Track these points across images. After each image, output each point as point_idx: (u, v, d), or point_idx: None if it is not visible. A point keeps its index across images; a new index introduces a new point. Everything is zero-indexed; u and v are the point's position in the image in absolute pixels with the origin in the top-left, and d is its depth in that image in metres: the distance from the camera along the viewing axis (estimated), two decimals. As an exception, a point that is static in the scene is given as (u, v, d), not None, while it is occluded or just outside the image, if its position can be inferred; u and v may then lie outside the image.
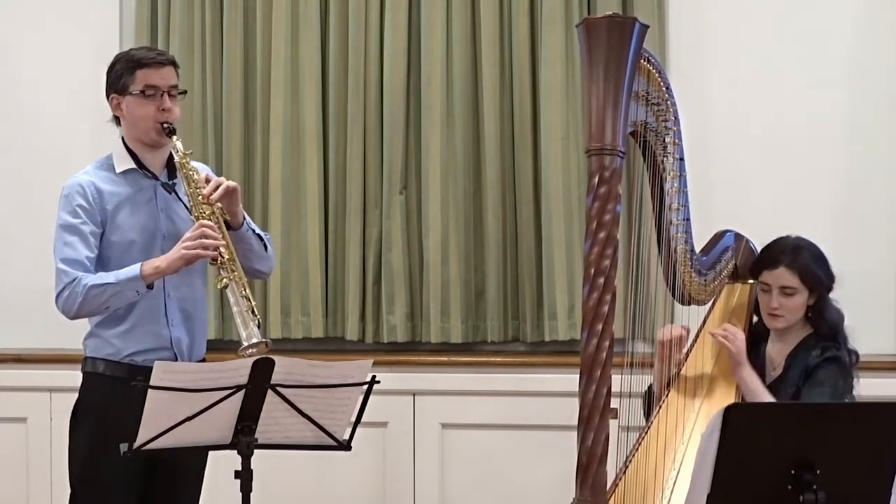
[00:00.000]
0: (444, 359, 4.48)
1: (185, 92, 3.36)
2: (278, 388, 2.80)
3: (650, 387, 3.43)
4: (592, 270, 2.88)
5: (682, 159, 3.20)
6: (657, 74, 3.08)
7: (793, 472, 2.42)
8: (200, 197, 3.20)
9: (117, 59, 3.32)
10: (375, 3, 4.52)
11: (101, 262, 3.25)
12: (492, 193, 4.47)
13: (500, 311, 4.51)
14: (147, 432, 2.74)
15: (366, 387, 2.90)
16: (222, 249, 3.14)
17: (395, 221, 4.50)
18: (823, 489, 2.40)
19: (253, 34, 4.59)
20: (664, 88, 3.10)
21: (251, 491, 2.85)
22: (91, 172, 3.31)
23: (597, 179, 2.90)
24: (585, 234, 2.91)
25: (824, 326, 3.32)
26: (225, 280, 3.12)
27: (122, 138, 3.34)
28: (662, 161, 3.18)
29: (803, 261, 3.29)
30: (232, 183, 3.26)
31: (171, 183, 3.31)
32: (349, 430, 2.96)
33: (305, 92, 4.54)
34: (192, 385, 2.73)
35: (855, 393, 3.33)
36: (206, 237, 3.13)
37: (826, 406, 2.94)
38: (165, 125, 3.24)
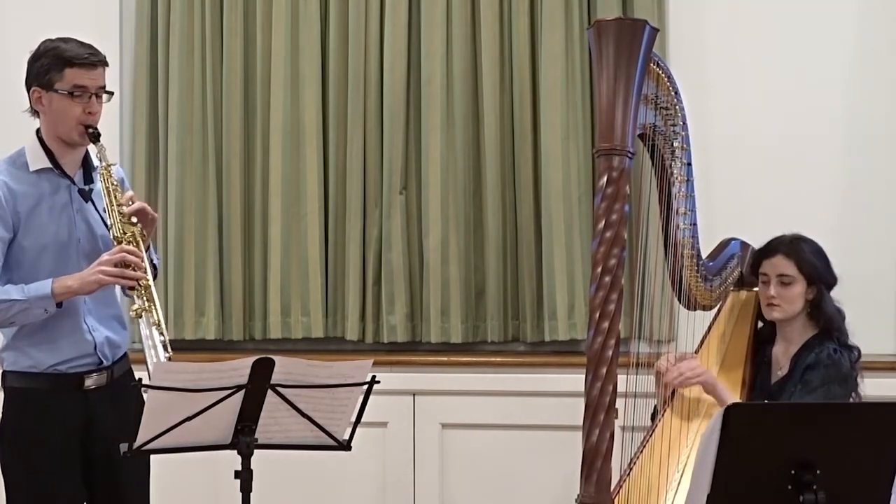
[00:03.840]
0: (444, 359, 4.48)
1: (111, 93, 3.21)
2: (278, 388, 2.79)
3: (655, 409, 3.44)
4: (599, 269, 2.89)
5: (689, 164, 3.22)
6: (666, 79, 3.09)
7: (793, 472, 2.42)
8: (121, 216, 3.09)
9: (45, 51, 3.14)
10: (375, 3, 4.52)
11: (13, 268, 3.13)
12: (492, 193, 4.47)
13: (500, 311, 4.50)
14: (147, 432, 2.74)
15: (366, 387, 2.90)
16: (140, 280, 3.03)
17: (395, 221, 4.50)
18: (823, 489, 2.40)
19: (253, 34, 4.59)
20: (673, 93, 3.12)
21: (251, 491, 2.85)
22: (3, 170, 3.17)
23: (605, 179, 2.91)
24: (593, 234, 2.92)
25: (821, 320, 3.35)
26: (140, 311, 3.02)
27: (38, 132, 3.21)
28: (670, 165, 3.19)
29: (800, 250, 3.35)
30: (154, 214, 3.19)
31: (87, 189, 3.18)
32: (349, 430, 2.96)
33: (305, 92, 4.53)
34: (192, 385, 2.72)
35: (860, 392, 3.35)
36: (128, 265, 3.03)
37: (826, 406, 2.95)
38: (90, 129, 3.12)
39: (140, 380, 2.77)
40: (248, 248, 4.62)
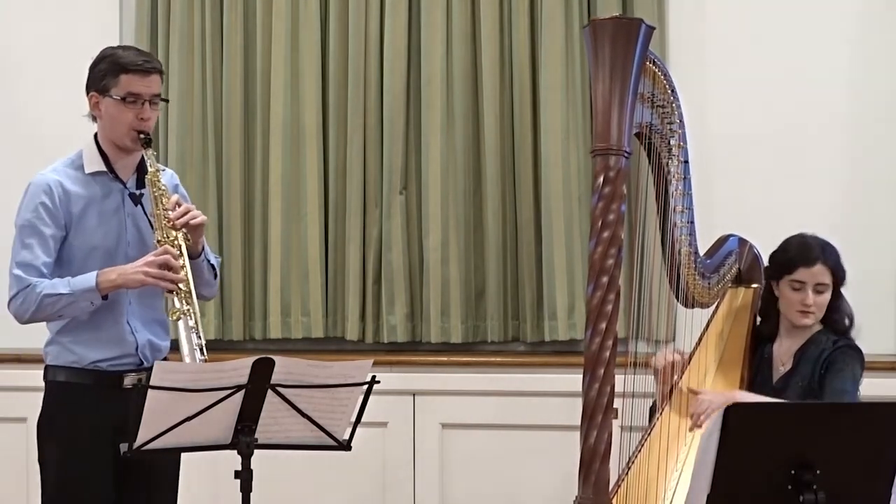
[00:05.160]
0: (444, 359, 4.48)
1: (166, 100, 3.28)
2: (278, 388, 2.80)
3: (654, 404, 3.44)
4: (597, 270, 2.89)
5: (686, 162, 3.22)
6: (662, 77, 3.09)
7: (793, 472, 2.42)
8: (166, 220, 3.14)
9: (103, 57, 3.22)
10: (375, 2, 4.52)
11: (63, 266, 3.19)
12: (492, 193, 4.47)
13: (500, 311, 4.51)
14: (147, 432, 2.74)
15: (366, 387, 2.91)
16: (181, 284, 3.09)
17: (395, 221, 4.50)
18: (823, 489, 2.40)
19: (253, 34, 4.59)
20: (669, 91, 3.11)
21: (251, 491, 2.85)
22: (59, 171, 3.23)
23: (602, 179, 2.90)
24: (590, 234, 2.92)
25: (843, 321, 3.36)
26: (179, 314, 3.06)
27: (96, 136, 3.26)
28: (667, 163, 3.20)
29: (835, 258, 3.33)
30: (202, 218, 3.20)
31: (138, 193, 3.23)
32: (349, 430, 2.96)
33: (305, 92, 4.54)
34: (193, 385, 2.72)
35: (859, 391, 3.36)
36: (169, 267, 3.08)
37: (826, 406, 2.95)
38: (142, 135, 3.17)
39: (141, 379, 2.77)
40: (248, 248, 4.63)
